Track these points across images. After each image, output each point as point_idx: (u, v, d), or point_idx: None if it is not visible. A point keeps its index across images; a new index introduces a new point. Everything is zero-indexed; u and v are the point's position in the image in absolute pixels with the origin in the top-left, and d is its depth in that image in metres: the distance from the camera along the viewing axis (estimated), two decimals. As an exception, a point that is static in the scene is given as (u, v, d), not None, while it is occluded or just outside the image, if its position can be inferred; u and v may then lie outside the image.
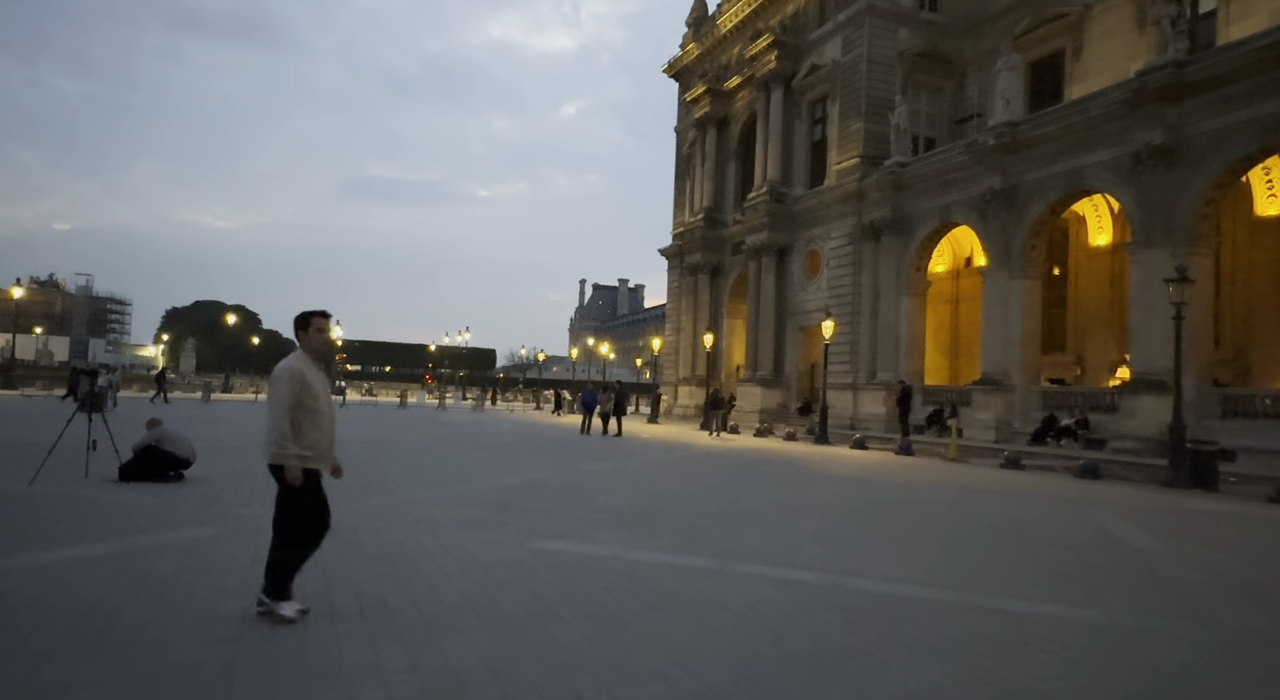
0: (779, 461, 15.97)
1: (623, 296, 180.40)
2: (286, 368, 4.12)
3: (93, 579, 4.70)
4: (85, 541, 5.73)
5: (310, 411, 4.12)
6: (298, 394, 4.07)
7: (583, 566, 5.49)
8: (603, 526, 7.17)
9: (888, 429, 27.63)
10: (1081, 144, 21.98)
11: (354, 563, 5.39)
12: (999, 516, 9.00)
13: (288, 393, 4.05)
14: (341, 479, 9.48)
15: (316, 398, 4.16)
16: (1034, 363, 24.54)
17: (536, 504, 8.38)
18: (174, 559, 5.27)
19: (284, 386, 4.05)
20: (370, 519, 7.10)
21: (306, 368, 4.17)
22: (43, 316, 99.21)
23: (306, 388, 4.11)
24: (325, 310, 4.31)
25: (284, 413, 4.03)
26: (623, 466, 13.33)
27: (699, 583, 5.11)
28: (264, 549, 5.75)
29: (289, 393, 4.05)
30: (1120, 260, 26.29)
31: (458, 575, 5.11)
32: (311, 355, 4.26)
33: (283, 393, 4.05)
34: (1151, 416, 19.49)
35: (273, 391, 4.09)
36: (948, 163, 26.62)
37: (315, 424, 4.15)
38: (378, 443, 16.08)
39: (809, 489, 11.10)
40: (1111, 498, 11.32)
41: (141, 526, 6.35)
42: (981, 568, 6.07)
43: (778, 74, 34.51)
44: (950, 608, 4.77)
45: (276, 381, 4.10)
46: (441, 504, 8.16)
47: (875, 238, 29.70)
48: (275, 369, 4.18)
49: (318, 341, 4.29)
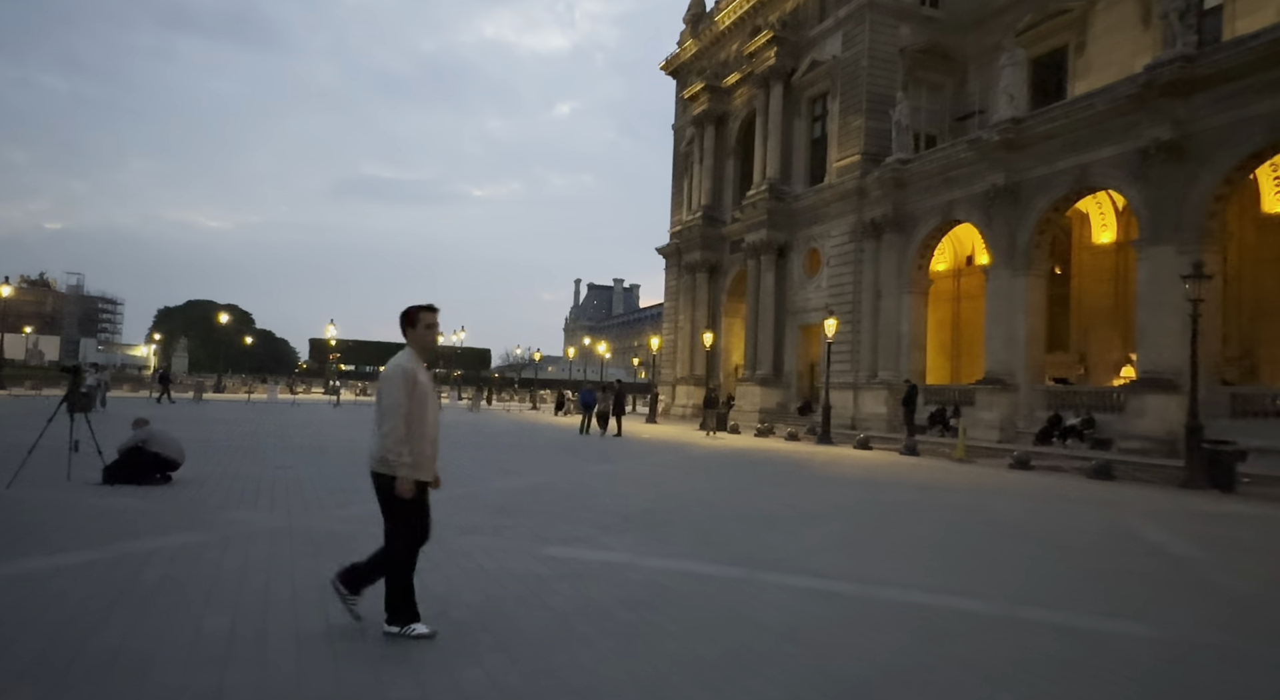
0: (784, 462, 15.63)
1: (618, 296, 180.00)
2: (400, 366, 3.78)
3: (70, 591, 4.32)
4: (64, 549, 5.34)
5: (418, 418, 3.77)
6: (410, 396, 3.73)
7: (597, 576, 5.13)
8: (613, 531, 6.81)
9: (889, 429, 27.34)
10: (1087, 140, 21.70)
11: (352, 573, 5.00)
12: (1023, 520, 8.67)
13: (403, 395, 3.71)
14: (341, 483, 9.09)
15: (425, 402, 3.83)
16: (1038, 362, 24.26)
17: (543, 508, 8.01)
18: (158, 568, 4.89)
19: (398, 388, 3.71)
20: (369, 525, 6.69)
21: (418, 368, 3.83)
22: (33, 316, 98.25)
23: (417, 390, 3.77)
24: (432, 304, 3.97)
25: (400, 417, 3.68)
26: (627, 468, 12.97)
27: (724, 594, 4.76)
28: (254, 556, 5.40)
29: (404, 395, 3.72)
30: (1124, 258, 26.05)
31: (466, 588, 4.74)
32: (420, 353, 3.91)
33: (397, 394, 3.70)
34: (1160, 416, 19.23)
35: (385, 393, 3.74)
36: (950, 160, 26.32)
37: (422, 431, 3.81)
38: (374, 443, 15.66)
39: (821, 491, 10.76)
40: (1131, 500, 11.01)
41: (124, 532, 5.96)
42: (1019, 576, 5.73)
43: (777, 70, 34.18)
44: (998, 622, 4.42)
45: (389, 382, 3.74)
46: (445, 508, 7.76)
47: (876, 236, 29.40)
48: (387, 368, 3.83)
49: (428, 339, 3.95)
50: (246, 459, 11.57)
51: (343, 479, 9.71)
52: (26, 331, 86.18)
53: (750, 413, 32.84)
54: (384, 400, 3.74)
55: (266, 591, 4.50)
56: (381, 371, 3.88)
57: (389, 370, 3.81)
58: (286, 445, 14.34)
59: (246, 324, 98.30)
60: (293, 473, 10.15)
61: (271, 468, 10.53)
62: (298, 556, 5.44)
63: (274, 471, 10.15)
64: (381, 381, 3.82)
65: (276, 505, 7.61)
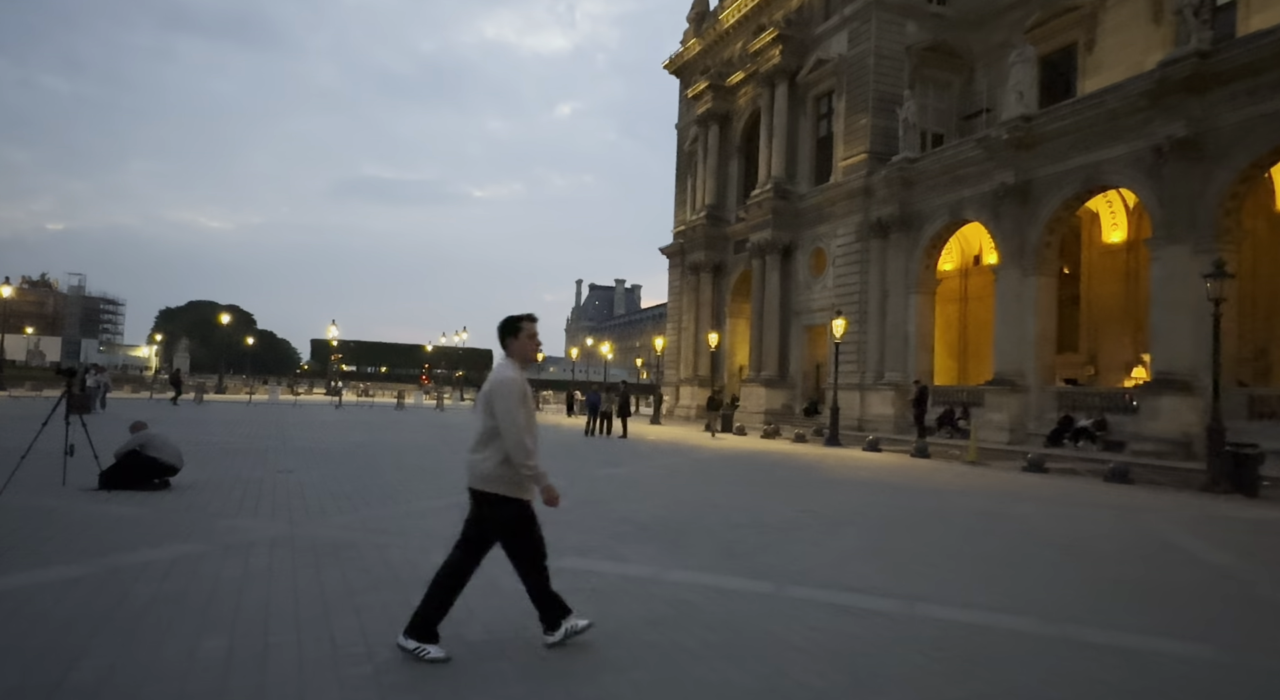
0: (795, 465, 15.34)
1: (619, 297, 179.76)
2: (510, 379, 3.59)
3: (55, 609, 4.04)
4: (52, 561, 5.06)
5: (529, 432, 3.60)
6: (523, 407, 3.57)
7: (618, 591, 4.84)
8: (629, 541, 6.53)
9: (896, 430, 27.05)
10: (1099, 138, 21.42)
11: (359, 588, 4.72)
12: (1049, 527, 8.38)
13: (517, 406, 3.54)
14: (344, 488, 8.80)
15: (531, 414, 3.66)
16: (1049, 362, 23.98)
17: (552, 515, 7.63)
18: (152, 583, 4.61)
19: (512, 400, 3.52)
20: (374, 534, 6.44)
21: (523, 379, 3.65)
22: (35, 317, 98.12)
23: (527, 402, 3.62)
24: (533, 314, 3.83)
25: (522, 428, 3.51)
26: (636, 471, 12.68)
27: (754, 612, 4.47)
28: (254, 566, 5.11)
29: (518, 406, 3.55)
30: (1135, 257, 25.75)
31: (480, 605, 4.45)
32: (520, 363, 3.74)
33: (512, 407, 3.51)
34: (1174, 418, 18.93)
35: (499, 406, 3.52)
36: (959, 158, 26.05)
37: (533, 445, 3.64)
38: (378, 446, 15.41)
39: (837, 496, 10.46)
40: (1155, 505, 10.72)
41: (118, 543, 5.68)
42: (1059, 590, 5.44)
43: (782, 69, 33.91)
44: (1050, 643, 4.13)
45: (501, 395, 3.53)
46: (452, 515, 7.47)
47: (883, 235, 29.12)
48: (495, 381, 3.61)
49: (529, 348, 3.78)
50: (247, 462, 11.29)
51: (345, 483, 9.43)
52: (28, 332, 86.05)
53: (755, 414, 32.55)
54: (500, 413, 3.53)
55: (267, 609, 4.22)
56: (486, 384, 3.66)
57: (498, 384, 3.59)
58: (288, 448, 14.06)
59: (248, 325, 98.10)
60: (294, 477, 9.88)
61: (273, 471, 10.25)
62: (300, 568, 5.16)
63: (275, 475, 9.88)
64: (490, 395, 3.59)
65: (278, 512, 7.33)
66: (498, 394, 3.55)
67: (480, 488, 3.61)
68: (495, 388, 3.57)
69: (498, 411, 3.53)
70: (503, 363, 3.74)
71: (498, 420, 3.52)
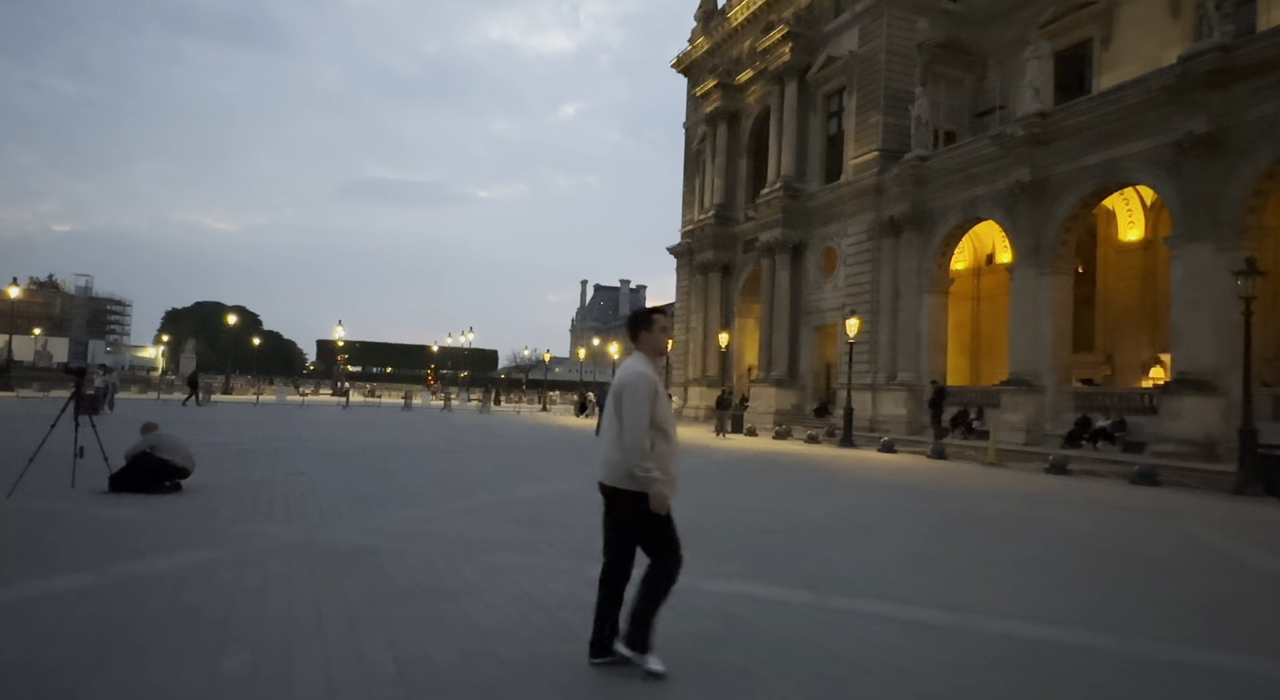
0: (812, 466, 15.07)
1: (624, 297, 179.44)
2: (640, 374, 3.40)
3: (64, 624, 3.81)
4: (62, 570, 4.84)
5: (661, 430, 3.41)
6: (654, 405, 3.38)
7: (656, 602, 4.58)
8: (659, 547, 6.27)
9: (909, 431, 26.74)
10: (1117, 134, 21.08)
11: (382, 598, 4.48)
12: (1088, 532, 8.10)
13: (646, 403, 3.31)
14: (358, 490, 8.56)
15: (667, 410, 3.48)
16: (1065, 362, 23.64)
17: (577, 520, 7.48)
18: (166, 594, 4.37)
19: (642, 396, 3.34)
20: (393, 539, 6.20)
21: (655, 374, 3.46)
22: (42, 317, 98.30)
23: (659, 399, 3.43)
24: (662, 307, 3.58)
25: (645, 428, 3.32)
26: (653, 473, 12.41)
27: (804, 625, 4.21)
28: (272, 574, 4.88)
29: (648, 403, 3.31)
30: (1153, 256, 25.41)
31: (513, 617, 4.20)
32: (652, 358, 3.56)
33: (641, 404, 3.33)
34: (1196, 419, 18.59)
35: (627, 402, 3.34)
36: (973, 155, 25.72)
37: (668, 443, 3.44)
38: (389, 447, 15.19)
39: (862, 499, 10.19)
40: (1189, 508, 10.42)
41: (130, 549, 5.46)
42: (1116, 601, 5.17)
43: (792, 67, 33.62)
44: (1121, 661, 3.87)
45: (631, 390, 3.35)
46: (470, 519, 7.26)
47: (895, 234, 28.82)
48: (625, 375, 3.41)
49: (661, 342, 3.61)
50: (258, 464, 11.08)
51: (359, 485, 9.21)
52: (35, 333, 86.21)
53: (765, 414, 32.27)
54: (626, 409, 3.36)
55: (289, 621, 3.98)
56: (617, 378, 3.47)
57: (628, 377, 3.40)
58: (298, 449, 13.86)
59: (254, 325, 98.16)
60: (306, 479, 9.66)
61: (284, 473, 10.03)
62: (319, 576, 4.92)
63: (287, 477, 9.66)
64: (620, 389, 3.42)
65: (292, 515, 7.11)
66: (628, 390, 3.36)
67: (616, 485, 3.40)
68: (626, 382, 3.39)
69: (624, 406, 3.35)
70: (633, 357, 3.53)
71: (624, 416, 3.34)
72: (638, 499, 3.34)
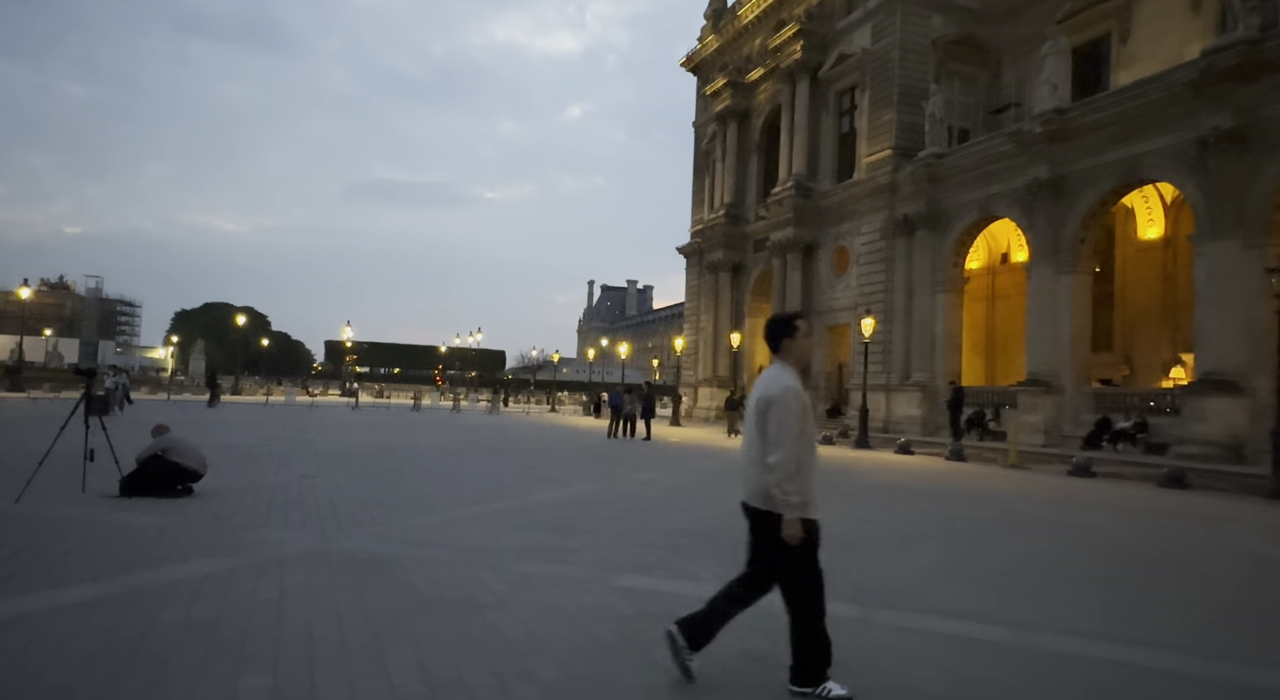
0: (831, 469, 14.77)
1: (631, 297, 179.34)
2: (789, 387, 3.15)
3: (75, 640, 3.59)
4: (71, 580, 4.63)
5: (808, 447, 3.20)
6: (803, 422, 3.15)
7: (695, 616, 4.33)
8: (689, 555, 6.03)
9: (924, 432, 26.39)
10: (1139, 130, 20.71)
11: (407, 612, 4.25)
12: (1131, 539, 7.81)
13: (795, 420, 3.09)
14: (373, 495, 8.33)
15: (811, 425, 3.25)
16: (1084, 363, 23.27)
17: (600, 525, 7.24)
18: (180, 607, 4.15)
19: (792, 412, 3.11)
20: (413, 546, 5.97)
21: (802, 388, 3.22)
22: (53, 319, 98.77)
23: (807, 414, 3.21)
24: (801, 312, 3.34)
25: (794, 446, 3.07)
26: (672, 476, 12.18)
27: (857, 643, 3.95)
28: (290, 585, 4.65)
29: (796, 420, 3.13)
30: (1173, 254, 25.02)
31: (545, 633, 3.96)
32: (795, 368, 3.32)
33: (790, 420, 3.09)
34: (1221, 420, 18.21)
35: (774, 417, 3.08)
36: (989, 153, 25.37)
37: (812, 460, 3.22)
38: (401, 449, 14.99)
39: (892, 504, 9.91)
40: (1228, 513, 10.11)
41: (142, 558, 5.25)
42: (1180, 616, 4.90)
43: (803, 64, 33.32)
44: (1207, 688, 3.59)
45: (780, 405, 3.09)
46: (491, 525, 7.03)
47: (909, 232, 28.48)
48: (771, 388, 3.14)
49: (807, 351, 3.37)
50: (269, 466, 10.89)
51: (374, 489, 8.99)
52: (46, 334, 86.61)
53: (777, 415, 31.93)
54: (773, 426, 3.11)
55: (310, 638, 3.75)
56: (761, 390, 3.20)
57: (775, 390, 3.14)
58: (310, 451, 13.67)
59: (263, 326, 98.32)
60: (320, 482, 9.45)
61: (297, 476, 9.83)
62: (340, 587, 4.70)
63: (300, 480, 9.46)
64: (765, 403, 3.16)
65: (308, 521, 6.89)
66: (775, 404, 3.10)
67: (756, 505, 3.16)
68: (773, 397, 3.12)
69: (772, 423, 3.08)
70: (776, 367, 3.24)
71: (771, 432, 3.09)
72: (773, 520, 3.11)
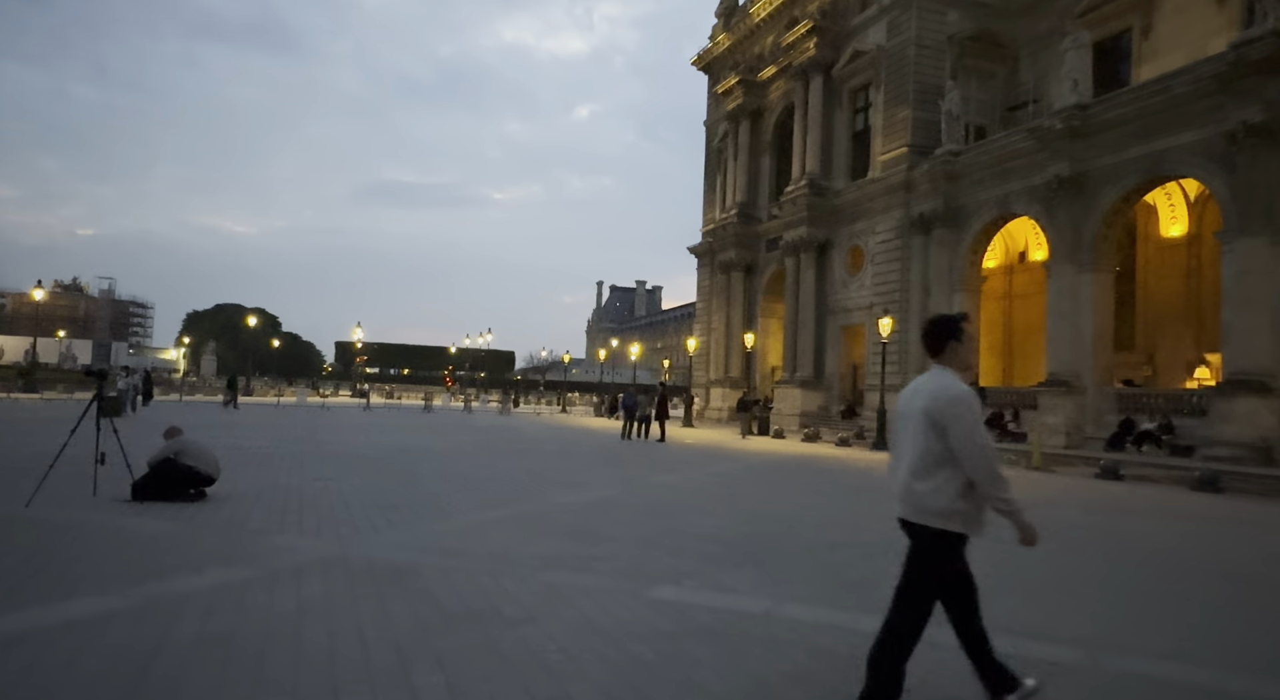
0: (851, 471, 14.50)
1: (640, 298, 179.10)
2: (966, 395, 2.92)
3: (82, 658, 3.37)
4: (81, 591, 4.42)
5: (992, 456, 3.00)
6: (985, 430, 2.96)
7: (738, 633, 4.08)
8: (721, 563, 5.77)
9: (941, 433, 26.02)
10: (1163, 125, 20.29)
11: (432, 627, 4.01)
12: (1182, 546, 7.51)
13: (983, 429, 2.86)
14: (390, 498, 8.09)
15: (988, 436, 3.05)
16: (1106, 363, 22.84)
17: (624, 531, 7.00)
18: (194, 620, 3.93)
19: (977, 423, 2.89)
20: (435, 554, 5.74)
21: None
22: (66, 320, 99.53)
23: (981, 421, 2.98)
24: (966, 313, 3.20)
25: (993, 453, 2.87)
26: (692, 479, 11.91)
27: (915, 667, 3.68)
28: (308, 597, 4.43)
29: (983, 429, 2.86)
30: (1197, 252, 24.56)
31: (580, 650, 3.71)
32: (960, 373, 3.06)
33: (979, 428, 2.85)
34: (1250, 421, 17.79)
35: (962, 429, 2.84)
36: (1008, 150, 24.98)
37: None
38: (415, 451, 14.79)
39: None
40: (1272, 519, 9.75)
41: (154, 566, 5.04)
42: (1258, 633, 4.60)
43: (817, 62, 32.99)
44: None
45: (960, 416, 2.85)
46: (512, 531, 6.79)
47: (925, 231, 28.10)
48: (945, 396, 2.89)
49: (973, 357, 3.07)
50: (283, 469, 10.71)
51: (390, 493, 8.78)
52: (60, 335, 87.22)
53: (790, 416, 31.64)
54: (959, 438, 2.86)
55: (332, 656, 3.52)
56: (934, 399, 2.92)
57: (952, 400, 2.89)
58: (322, 453, 13.50)
59: (273, 327, 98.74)
60: (334, 485, 9.25)
61: (310, 479, 9.64)
62: (360, 599, 4.47)
63: (314, 483, 9.26)
64: (940, 413, 2.88)
65: (324, 527, 6.68)
66: (952, 413, 2.85)
67: (929, 524, 2.89)
68: (947, 405, 2.87)
69: (957, 434, 2.82)
70: (942, 372, 2.97)
71: (957, 444, 2.84)
72: (947, 539, 2.89)
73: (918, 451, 2.90)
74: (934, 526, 2.87)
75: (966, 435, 2.81)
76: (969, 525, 2.90)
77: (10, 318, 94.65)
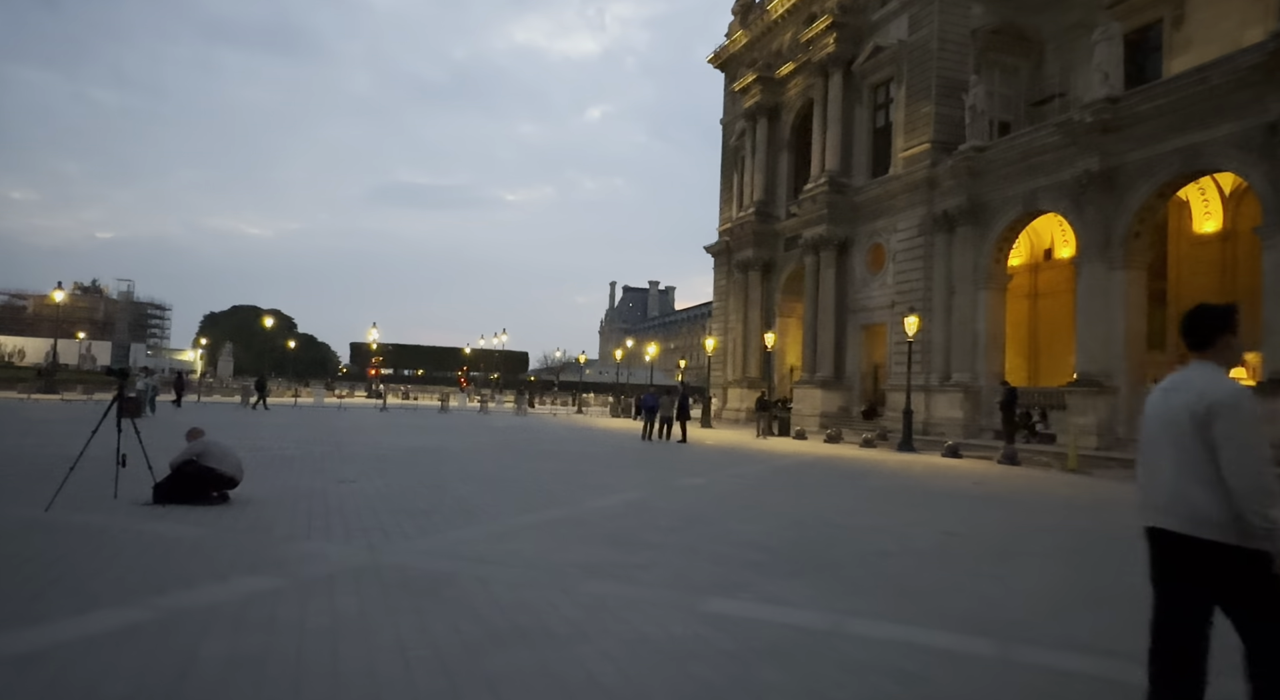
0: (881, 473, 14.12)
1: (653, 298, 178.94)
2: (1243, 395, 2.54)
3: (104, 681, 3.11)
4: (101, 603, 4.17)
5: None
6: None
7: (805, 652, 3.76)
8: (772, 573, 5.45)
9: (965, 434, 25.48)
10: (1199, 118, 19.72)
11: (477, 645, 3.72)
12: None
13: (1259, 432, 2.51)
14: (416, 503, 7.82)
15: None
16: (1139, 362, 22.27)
17: (663, 537, 6.69)
18: (222, 638, 3.67)
19: (1255, 422, 2.49)
20: (469, 563, 5.46)
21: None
22: (86, 322, 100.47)
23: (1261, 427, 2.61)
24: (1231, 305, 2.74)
25: (1268, 467, 2.45)
26: (721, 482, 11.59)
27: (1006, 692, 3.35)
28: (342, 611, 4.15)
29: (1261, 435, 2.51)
30: (1232, 248, 23.93)
31: (640, 673, 3.41)
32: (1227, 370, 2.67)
33: (1256, 431, 2.50)
34: (1293, 421, 17.20)
35: (1233, 432, 2.47)
36: (1034, 145, 24.43)
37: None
38: (436, 451, 14.57)
39: (970, 514, 9.23)
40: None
41: (177, 574, 4.79)
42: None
43: (837, 58, 32.53)
44: None
45: (1235, 418, 2.48)
46: (547, 538, 6.51)
47: (948, 228, 27.58)
48: (1219, 394, 2.51)
49: (1241, 349, 2.71)
50: (305, 471, 10.49)
51: (415, 496, 8.53)
52: (80, 337, 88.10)
53: (810, 417, 31.20)
54: (1228, 440, 2.48)
55: (374, 678, 3.24)
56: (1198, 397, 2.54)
57: (1226, 398, 2.50)
58: (344, 454, 13.29)
59: (289, 328, 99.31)
60: (358, 487, 9.02)
61: (334, 481, 9.41)
62: (398, 611, 4.20)
63: (337, 486, 9.03)
64: (1212, 414, 2.50)
65: (352, 532, 6.43)
66: (1227, 414, 2.48)
67: (1208, 536, 2.51)
68: (1221, 404, 2.50)
69: (1227, 437, 2.44)
70: (1215, 371, 2.58)
71: (1227, 448, 2.47)
72: (1250, 559, 2.45)
73: (1195, 454, 2.53)
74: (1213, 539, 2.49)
75: (1241, 441, 2.45)
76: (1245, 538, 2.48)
77: (31, 319, 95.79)
